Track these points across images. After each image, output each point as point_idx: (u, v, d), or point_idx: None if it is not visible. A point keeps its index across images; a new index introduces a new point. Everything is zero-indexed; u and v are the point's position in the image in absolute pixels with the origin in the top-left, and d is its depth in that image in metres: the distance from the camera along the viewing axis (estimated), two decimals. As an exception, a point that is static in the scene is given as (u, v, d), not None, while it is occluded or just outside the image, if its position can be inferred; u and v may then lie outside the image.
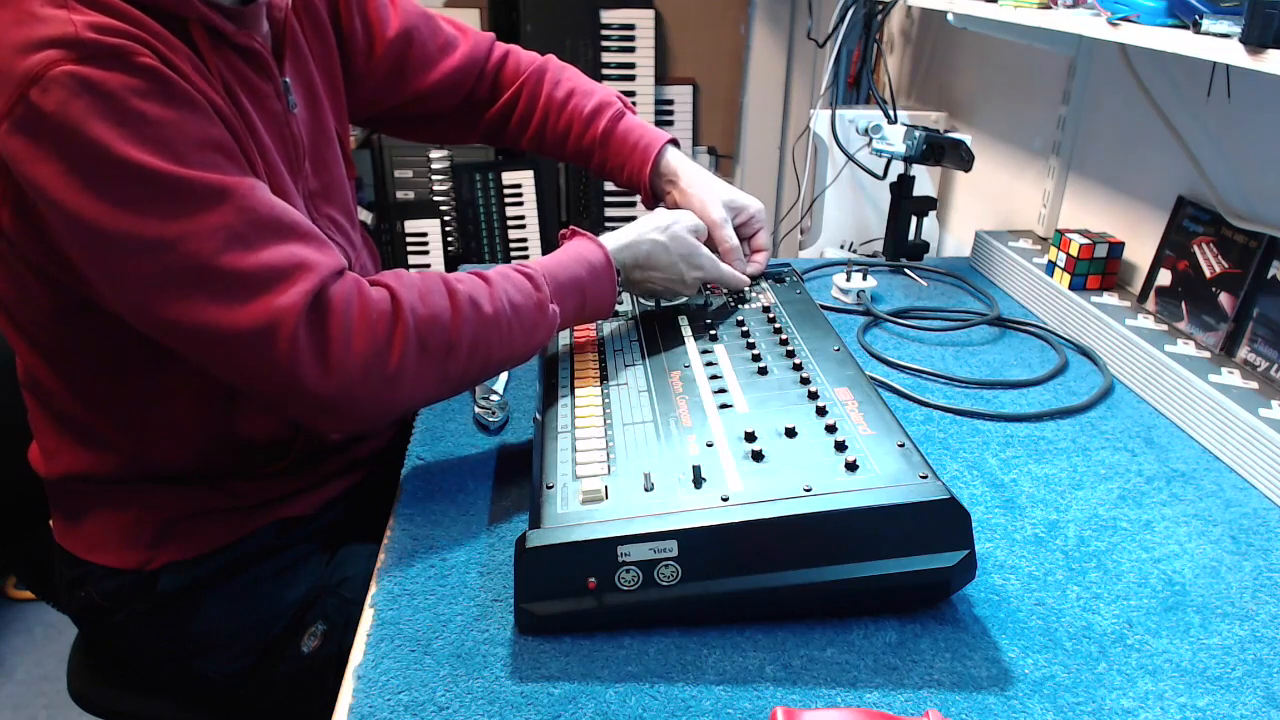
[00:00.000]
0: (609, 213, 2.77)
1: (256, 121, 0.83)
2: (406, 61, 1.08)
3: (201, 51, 0.77)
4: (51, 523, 0.95)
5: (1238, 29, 0.84)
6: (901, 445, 0.74)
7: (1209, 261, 1.13)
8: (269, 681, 0.92)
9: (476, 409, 1.00)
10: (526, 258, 2.71)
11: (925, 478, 0.69)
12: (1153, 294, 1.21)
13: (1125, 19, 0.99)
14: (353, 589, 0.93)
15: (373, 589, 0.74)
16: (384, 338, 0.76)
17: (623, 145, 1.12)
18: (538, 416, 0.85)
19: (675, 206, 1.10)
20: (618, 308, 1.05)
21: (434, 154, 2.56)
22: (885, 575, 0.68)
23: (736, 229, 1.10)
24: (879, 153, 1.47)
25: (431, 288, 0.80)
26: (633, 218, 2.80)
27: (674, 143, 1.13)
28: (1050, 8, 1.17)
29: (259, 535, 0.93)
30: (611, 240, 0.95)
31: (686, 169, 1.11)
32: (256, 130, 0.83)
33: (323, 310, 0.74)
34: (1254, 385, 1.00)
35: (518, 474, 0.89)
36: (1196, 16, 0.90)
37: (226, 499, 0.91)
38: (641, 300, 1.07)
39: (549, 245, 2.67)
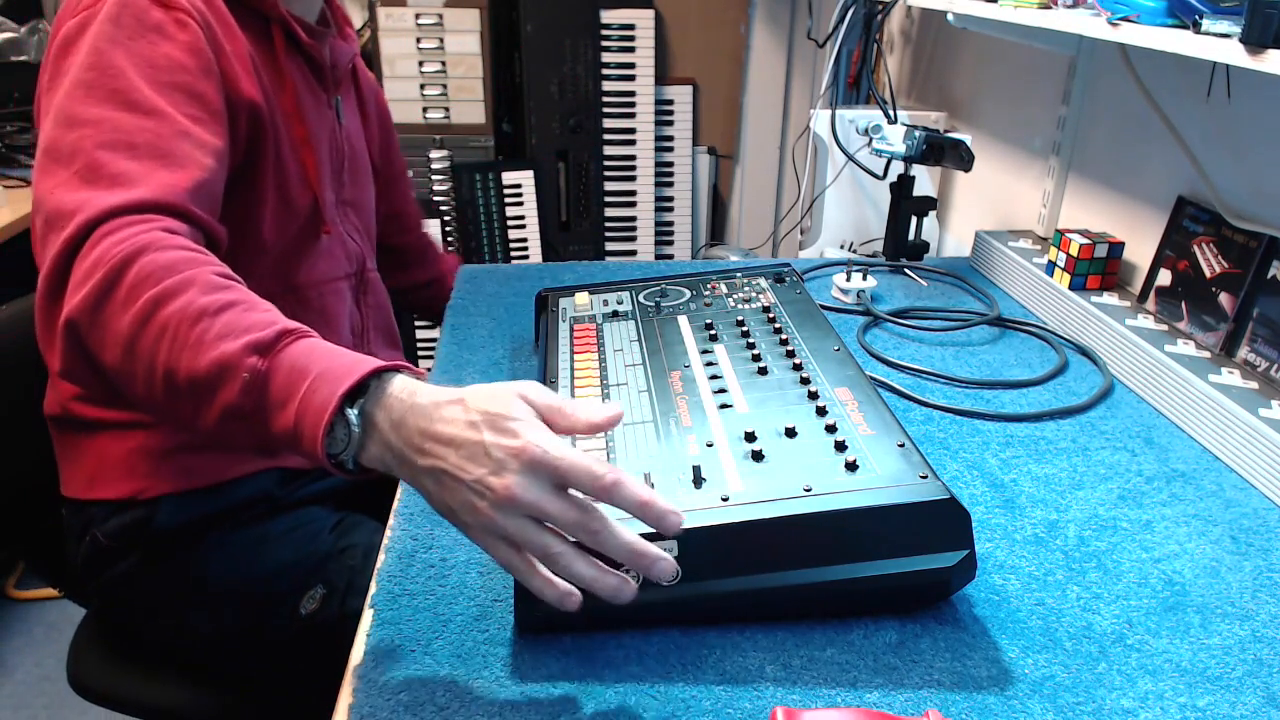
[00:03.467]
0: (609, 212, 2.77)
1: (310, 112, 1.00)
2: (397, 188, 1.35)
3: (276, 46, 0.96)
4: (61, 481, 1.01)
5: (1238, 29, 0.84)
6: (901, 445, 0.74)
7: (1209, 261, 1.13)
8: (264, 643, 0.94)
9: None
10: (526, 258, 2.71)
11: (925, 478, 0.69)
12: (1153, 294, 1.21)
13: (1125, 19, 0.99)
14: (354, 556, 0.98)
15: (373, 589, 0.74)
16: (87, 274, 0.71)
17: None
18: None
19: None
20: (618, 306, 1.05)
21: (434, 154, 2.56)
22: (885, 575, 0.68)
23: None
24: (879, 153, 1.47)
25: (178, 265, 0.72)
26: (633, 218, 2.82)
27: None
28: (1050, 8, 1.17)
29: (259, 480, 0.99)
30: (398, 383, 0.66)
31: None
32: (309, 121, 1.00)
33: (98, 237, 0.72)
34: (1254, 385, 1.00)
35: (518, 474, 0.89)
36: (1196, 16, 0.90)
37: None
38: (642, 300, 1.07)
39: (549, 245, 2.68)
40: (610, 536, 0.60)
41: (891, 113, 1.74)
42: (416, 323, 2.56)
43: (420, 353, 2.58)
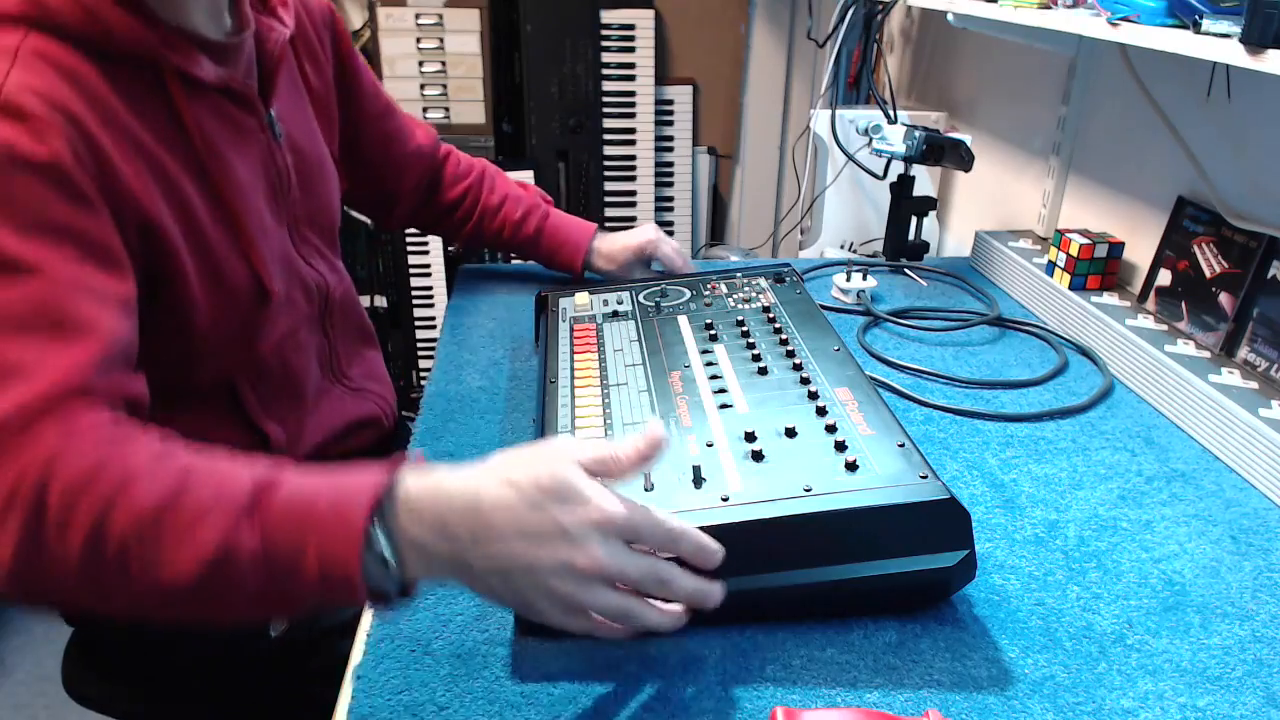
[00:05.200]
0: (609, 213, 2.77)
1: (232, 161, 0.83)
2: (389, 128, 1.16)
3: (176, 99, 0.77)
4: None
5: (1238, 29, 0.84)
6: (901, 445, 0.74)
7: (1209, 261, 1.13)
8: (244, 662, 0.93)
9: None
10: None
11: (925, 478, 0.69)
12: (1153, 294, 1.21)
13: (1125, 19, 0.99)
14: None
15: (373, 589, 0.74)
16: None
17: (554, 239, 1.26)
18: (536, 419, 0.85)
19: (608, 268, 1.26)
20: (618, 306, 1.05)
21: (434, 154, 2.56)
22: (885, 575, 0.68)
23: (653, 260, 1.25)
24: (879, 153, 1.47)
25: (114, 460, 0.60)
26: (633, 218, 2.82)
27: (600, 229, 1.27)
28: (1050, 8, 1.17)
29: None
30: (420, 479, 0.60)
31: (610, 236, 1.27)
32: (229, 169, 0.82)
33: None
34: (1254, 385, 1.00)
35: (518, 474, 0.89)
36: (1196, 16, 0.89)
37: None
38: (642, 300, 1.07)
39: (549, 245, 2.67)
40: (679, 584, 0.61)
41: (891, 113, 1.74)
42: (416, 322, 2.57)
43: (420, 353, 2.58)
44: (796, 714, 0.59)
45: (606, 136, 2.67)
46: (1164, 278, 1.20)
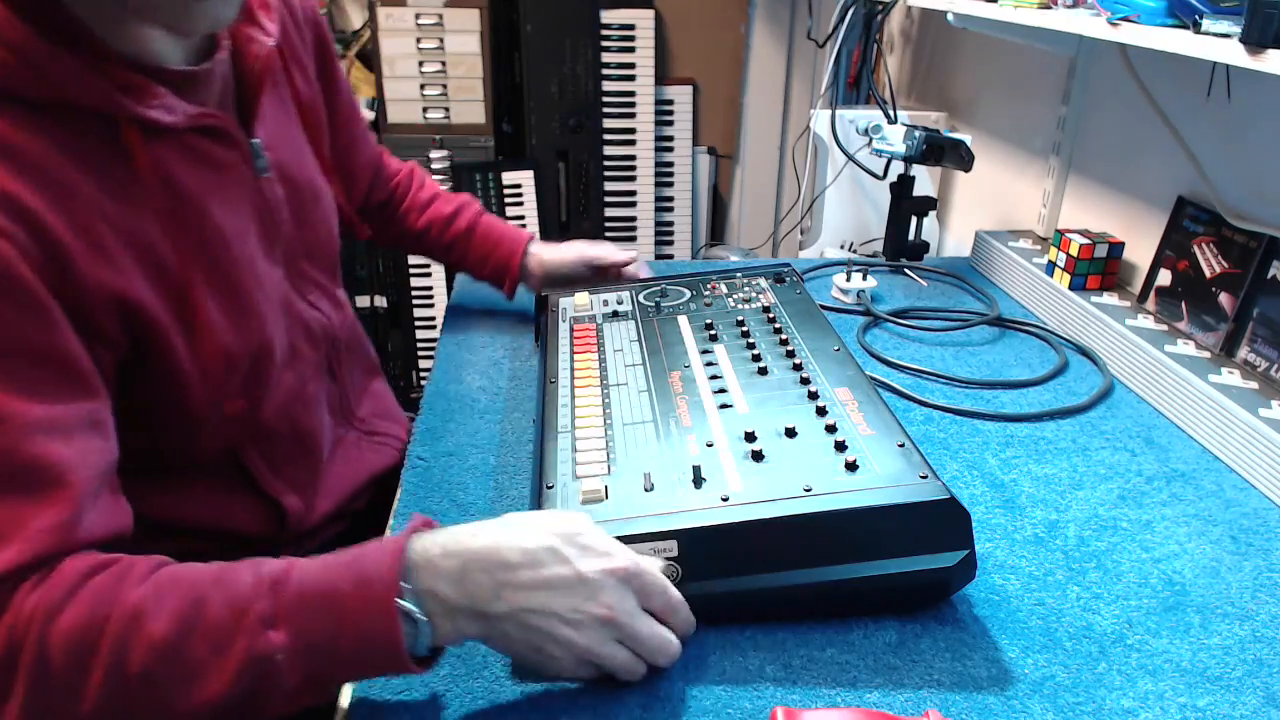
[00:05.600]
0: (609, 212, 2.77)
1: (213, 209, 0.72)
2: (355, 132, 1.07)
3: (135, 152, 0.66)
4: None
5: (1238, 29, 0.84)
6: (901, 445, 0.74)
7: (1209, 261, 1.13)
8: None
9: None
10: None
11: (925, 478, 0.69)
12: (1153, 294, 1.21)
13: (1125, 19, 0.99)
14: None
15: (373, 589, 0.74)
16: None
17: (486, 239, 1.19)
18: (536, 419, 0.85)
19: (539, 274, 1.19)
20: (618, 306, 1.05)
21: (434, 154, 2.56)
22: (885, 575, 0.68)
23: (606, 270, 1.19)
24: (879, 153, 1.47)
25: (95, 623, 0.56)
26: (633, 219, 2.82)
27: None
28: (1050, 8, 1.17)
29: None
30: (430, 542, 0.61)
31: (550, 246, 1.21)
32: (211, 220, 0.72)
33: None
34: (1254, 385, 1.00)
35: (518, 475, 0.89)
36: (1196, 16, 0.89)
37: (228, 546, 0.83)
38: (642, 300, 1.07)
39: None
40: (670, 652, 0.64)
41: (891, 113, 1.74)
42: (416, 322, 2.57)
43: (420, 353, 2.58)
44: (796, 714, 0.59)
45: (606, 136, 2.67)
46: (1164, 278, 1.20)
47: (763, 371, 0.88)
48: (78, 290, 0.61)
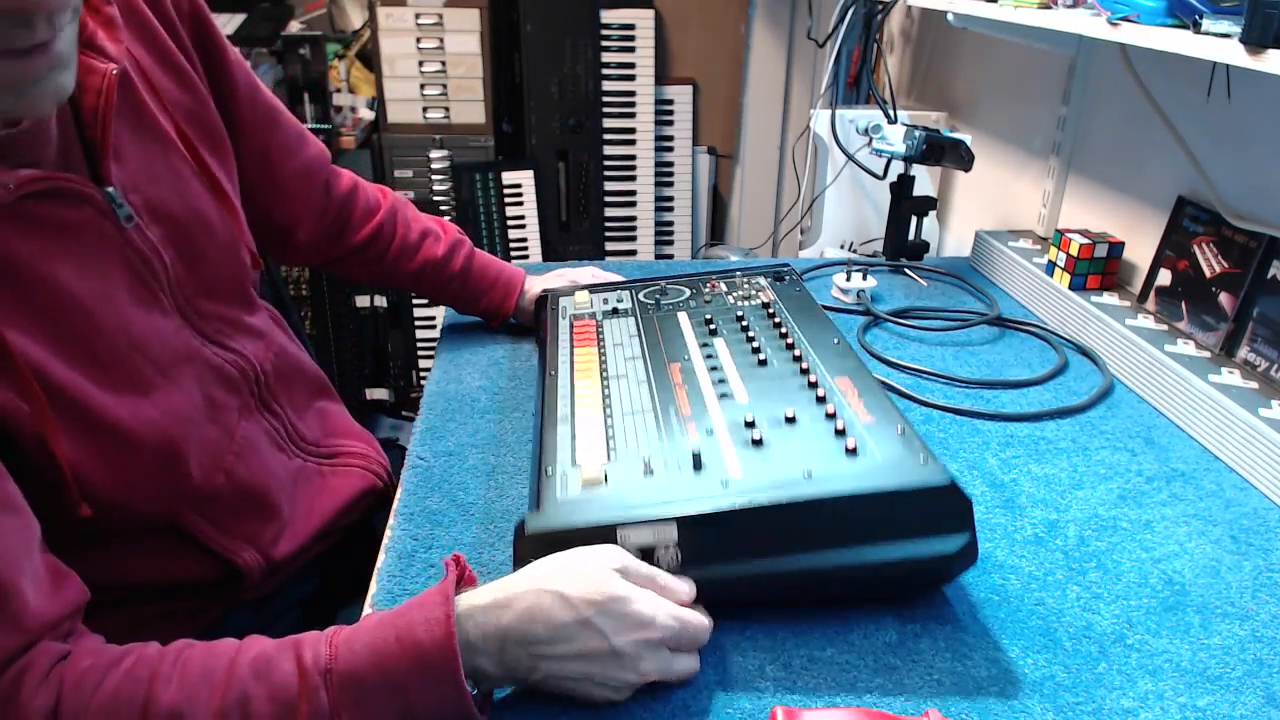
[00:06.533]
0: (609, 212, 2.77)
1: (66, 279, 0.65)
2: (271, 141, 0.93)
3: None
4: None
5: (1238, 29, 0.84)
6: (902, 431, 0.73)
7: (1209, 261, 1.13)
8: None
9: None
10: (526, 258, 2.71)
11: (926, 462, 0.69)
12: (1153, 294, 1.21)
13: (1125, 19, 0.99)
14: None
15: (373, 589, 0.74)
16: None
17: (482, 279, 1.15)
18: (536, 410, 0.85)
19: (531, 310, 1.13)
20: (617, 304, 1.05)
21: (434, 154, 2.56)
22: (887, 561, 0.67)
23: None
24: (879, 153, 1.47)
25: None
26: (633, 219, 2.82)
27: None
28: (1050, 8, 1.17)
29: (227, 622, 0.83)
30: (471, 605, 0.61)
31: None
32: (65, 294, 0.65)
33: None
34: (1254, 385, 1.00)
35: (518, 474, 0.89)
36: (1196, 16, 0.89)
37: (182, 605, 0.81)
38: (642, 298, 1.07)
39: (549, 245, 2.68)
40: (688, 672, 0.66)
41: (891, 113, 1.74)
42: (416, 322, 2.57)
43: (420, 353, 2.58)
44: (796, 714, 0.59)
45: (606, 136, 2.68)
46: (1164, 278, 1.20)
47: (762, 363, 0.88)
48: None
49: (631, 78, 2.66)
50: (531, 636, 0.60)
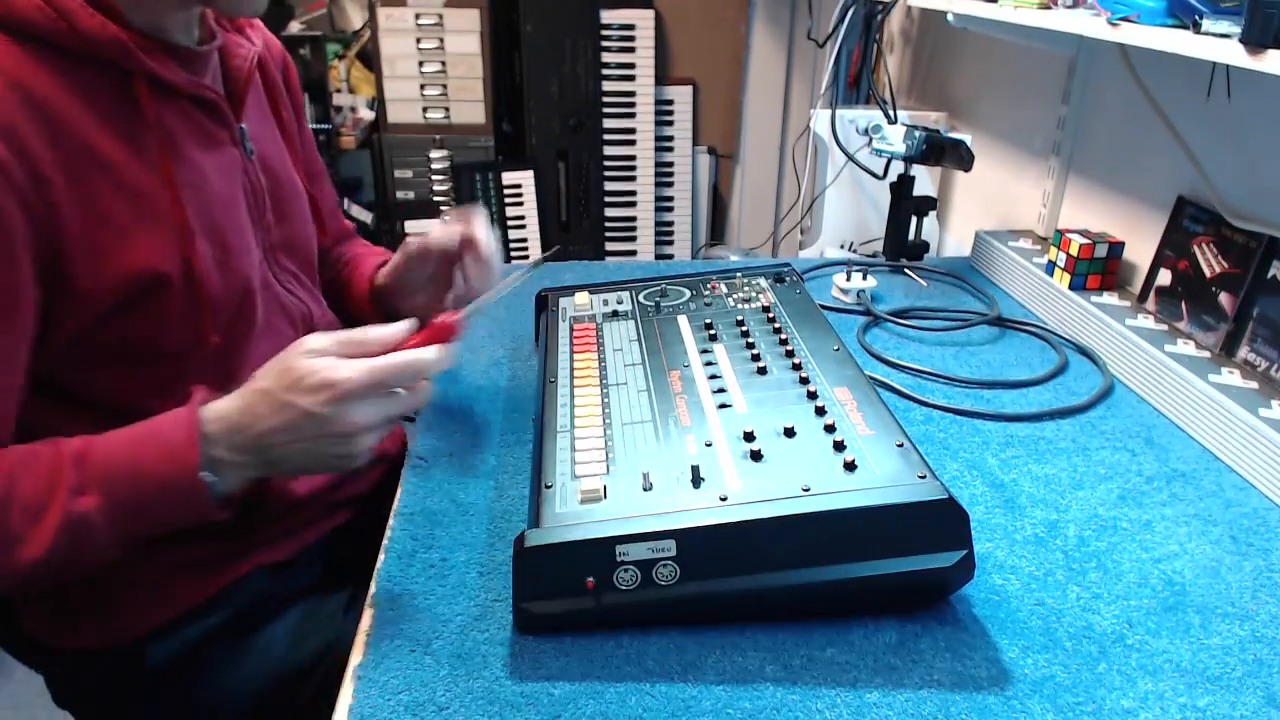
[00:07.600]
0: (609, 212, 2.77)
1: (207, 171, 0.80)
2: (315, 170, 1.05)
3: (144, 103, 0.74)
4: (25, 621, 0.86)
5: (1238, 29, 0.84)
6: (900, 445, 0.74)
7: (1209, 261, 1.13)
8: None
9: None
10: (526, 258, 2.72)
11: (924, 478, 0.69)
12: (1153, 294, 1.21)
13: (1125, 19, 0.99)
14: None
15: (373, 589, 0.74)
16: None
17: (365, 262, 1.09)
18: (536, 418, 0.85)
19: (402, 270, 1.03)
20: (617, 306, 1.05)
21: (434, 154, 2.56)
22: (883, 575, 0.68)
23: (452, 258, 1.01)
24: (879, 153, 1.47)
25: None
26: (633, 218, 2.82)
27: None
28: (1050, 8, 1.17)
29: (245, 585, 0.87)
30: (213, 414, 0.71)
31: None
32: (204, 180, 0.79)
33: None
34: (1254, 385, 1.00)
35: (518, 474, 0.89)
36: (1196, 16, 0.90)
37: (199, 552, 0.85)
38: (642, 300, 1.07)
39: (549, 245, 2.68)
40: (420, 399, 0.74)
41: (891, 113, 1.74)
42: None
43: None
44: None
45: (606, 136, 2.68)
46: (1164, 278, 1.20)
47: (762, 371, 0.88)
48: (54, 231, 0.69)
49: (631, 78, 2.66)
50: (250, 432, 0.70)
